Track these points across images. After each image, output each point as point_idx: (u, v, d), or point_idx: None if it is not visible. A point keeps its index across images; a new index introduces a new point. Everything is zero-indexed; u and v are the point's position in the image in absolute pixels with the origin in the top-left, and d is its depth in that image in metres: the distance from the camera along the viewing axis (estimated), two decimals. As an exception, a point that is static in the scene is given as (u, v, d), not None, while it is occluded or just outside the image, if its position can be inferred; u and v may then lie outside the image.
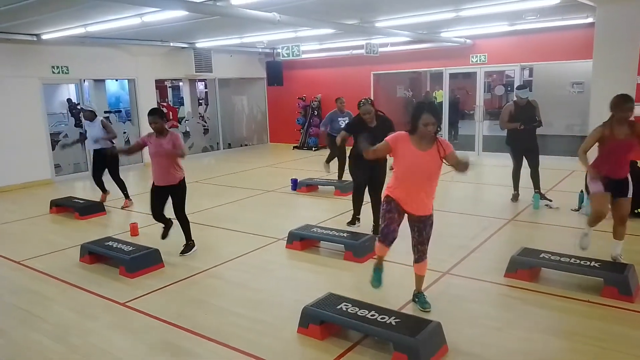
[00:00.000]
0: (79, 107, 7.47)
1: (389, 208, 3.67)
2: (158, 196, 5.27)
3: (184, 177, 5.32)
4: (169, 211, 5.32)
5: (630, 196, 4.50)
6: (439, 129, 3.58)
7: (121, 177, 7.72)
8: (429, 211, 3.70)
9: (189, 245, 5.42)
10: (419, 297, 3.93)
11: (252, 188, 8.90)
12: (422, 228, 3.72)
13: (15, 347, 3.61)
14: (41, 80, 10.06)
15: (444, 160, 3.56)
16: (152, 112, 5.15)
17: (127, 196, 7.75)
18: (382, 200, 3.83)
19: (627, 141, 4.32)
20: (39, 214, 7.58)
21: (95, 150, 7.55)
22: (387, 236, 3.67)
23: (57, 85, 15.61)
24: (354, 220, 6.11)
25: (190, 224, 5.46)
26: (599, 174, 4.41)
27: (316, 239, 5.53)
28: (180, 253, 5.35)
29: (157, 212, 5.32)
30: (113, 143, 7.54)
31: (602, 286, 4.04)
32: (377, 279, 3.86)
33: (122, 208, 7.60)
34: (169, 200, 5.29)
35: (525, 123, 6.77)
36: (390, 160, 3.87)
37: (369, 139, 3.82)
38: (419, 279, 3.93)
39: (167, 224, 5.47)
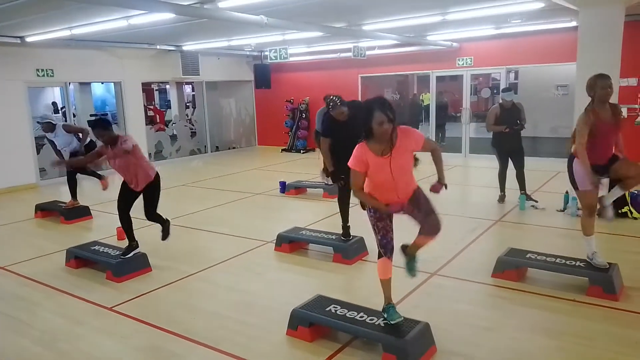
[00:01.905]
0: (37, 122, 7.02)
1: (378, 216, 3.32)
2: (128, 196, 5.03)
3: (157, 173, 5.06)
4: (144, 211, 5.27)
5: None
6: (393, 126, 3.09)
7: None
8: (412, 190, 3.34)
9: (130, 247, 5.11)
10: (412, 260, 3.53)
11: (240, 191, 8.88)
12: (417, 205, 3.34)
13: (2, 354, 3.56)
14: (26, 84, 9.95)
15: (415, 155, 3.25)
16: (93, 126, 4.81)
17: (100, 177, 7.12)
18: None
19: (614, 123, 4.17)
20: (23, 218, 7.49)
21: (71, 153, 7.19)
22: (386, 247, 3.35)
23: (42, 89, 15.44)
24: (347, 231, 5.34)
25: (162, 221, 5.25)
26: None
27: (305, 242, 5.54)
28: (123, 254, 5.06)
29: (125, 211, 5.06)
30: (86, 141, 7.13)
31: (587, 285, 4.10)
32: (393, 313, 3.30)
33: (104, 189, 6.95)
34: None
35: (510, 124, 6.86)
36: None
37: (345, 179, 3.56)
38: (422, 244, 3.46)
39: (164, 224, 5.29)
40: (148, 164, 5.05)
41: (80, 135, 7.17)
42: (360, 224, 5.57)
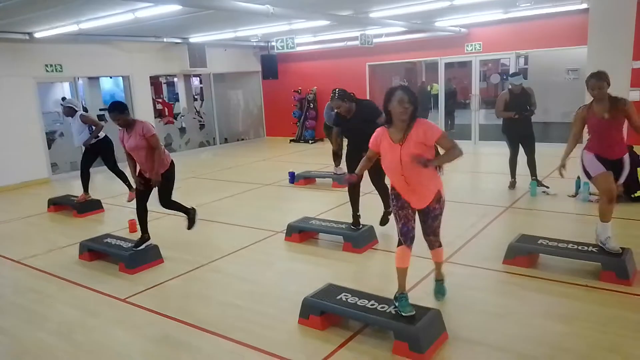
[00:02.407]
0: (60, 103, 7.16)
1: (400, 204, 3.39)
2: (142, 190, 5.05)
3: (172, 161, 5.10)
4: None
5: (622, 181, 4.30)
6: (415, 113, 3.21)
7: (120, 168, 7.32)
8: (428, 202, 3.38)
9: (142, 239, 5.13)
10: (435, 284, 3.88)
11: (249, 182, 8.90)
12: (425, 220, 3.47)
13: (20, 346, 3.63)
14: (35, 79, 10.01)
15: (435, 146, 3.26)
16: (110, 110, 4.86)
17: (130, 187, 7.16)
18: (389, 191, 3.60)
19: (608, 120, 4.14)
20: (36, 212, 7.58)
21: (84, 147, 7.25)
22: (407, 235, 3.39)
23: (52, 84, 15.54)
24: (357, 220, 5.36)
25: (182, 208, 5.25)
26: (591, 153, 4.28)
27: (315, 231, 5.55)
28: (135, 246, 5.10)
29: (142, 201, 5.09)
30: (99, 136, 7.18)
31: (600, 271, 4.07)
32: (406, 305, 3.28)
33: (129, 201, 6.94)
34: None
35: (520, 109, 6.78)
36: None
37: (351, 179, 3.65)
38: (436, 265, 3.82)
39: (188, 213, 5.29)
40: (164, 152, 5.04)
41: (94, 127, 7.19)
42: (371, 212, 5.60)
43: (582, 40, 6.86)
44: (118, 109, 4.83)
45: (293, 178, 8.60)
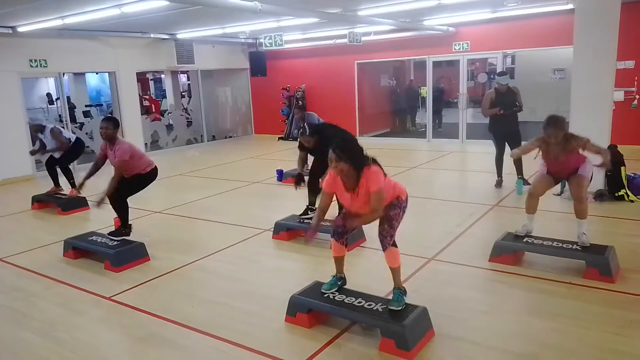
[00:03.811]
0: (28, 123, 7.48)
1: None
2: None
3: (151, 167, 5.24)
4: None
5: (582, 173, 4.33)
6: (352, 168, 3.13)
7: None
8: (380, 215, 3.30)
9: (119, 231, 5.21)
10: (392, 292, 3.45)
11: (237, 180, 8.86)
12: (381, 222, 3.35)
13: (1, 345, 3.57)
14: (19, 74, 9.85)
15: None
16: (107, 119, 5.19)
17: (73, 185, 7.41)
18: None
19: (563, 160, 4.30)
20: (20, 210, 7.47)
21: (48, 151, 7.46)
22: (335, 230, 3.55)
23: (36, 79, 15.31)
24: (307, 212, 5.56)
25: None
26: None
27: (302, 229, 5.53)
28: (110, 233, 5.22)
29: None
30: (70, 140, 7.44)
31: (584, 268, 4.12)
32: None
33: (70, 196, 7.33)
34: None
35: (506, 108, 6.85)
36: None
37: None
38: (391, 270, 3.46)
39: (125, 225, 5.21)
40: (144, 163, 5.20)
41: (59, 147, 7.36)
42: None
43: (568, 40, 6.92)
44: (114, 122, 5.12)
45: (281, 176, 8.58)
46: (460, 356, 3.13)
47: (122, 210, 5.17)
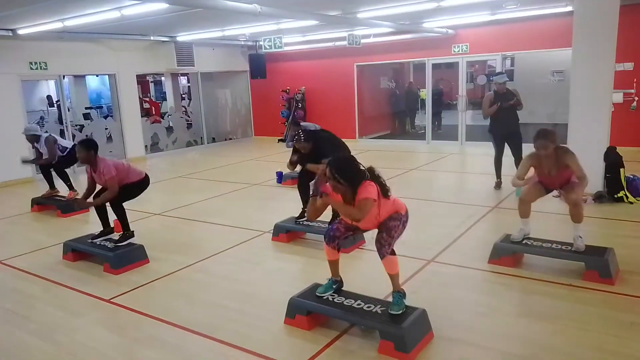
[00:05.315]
0: (23, 133, 7.53)
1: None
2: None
3: (141, 177, 5.19)
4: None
5: (575, 181, 4.31)
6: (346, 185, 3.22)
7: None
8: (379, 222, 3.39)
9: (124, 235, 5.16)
10: (392, 295, 3.45)
11: (237, 182, 8.87)
12: (379, 230, 3.40)
13: (0, 347, 3.56)
14: (19, 77, 9.87)
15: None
16: (79, 143, 4.97)
17: (71, 187, 7.56)
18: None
19: (556, 174, 4.30)
20: (20, 212, 7.47)
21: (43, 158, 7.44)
22: (327, 232, 3.63)
23: (36, 82, 15.34)
24: (303, 215, 5.57)
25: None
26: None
27: (302, 231, 5.54)
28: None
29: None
30: (67, 148, 7.49)
31: (583, 270, 4.12)
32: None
33: (68, 198, 7.36)
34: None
35: (506, 109, 6.85)
36: None
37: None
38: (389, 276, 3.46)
39: (126, 230, 5.18)
40: (134, 175, 5.15)
41: (46, 159, 7.41)
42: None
43: (567, 42, 6.93)
44: (85, 144, 4.89)
45: (281, 178, 8.59)
46: (459, 358, 3.13)
47: (120, 215, 5.14)
